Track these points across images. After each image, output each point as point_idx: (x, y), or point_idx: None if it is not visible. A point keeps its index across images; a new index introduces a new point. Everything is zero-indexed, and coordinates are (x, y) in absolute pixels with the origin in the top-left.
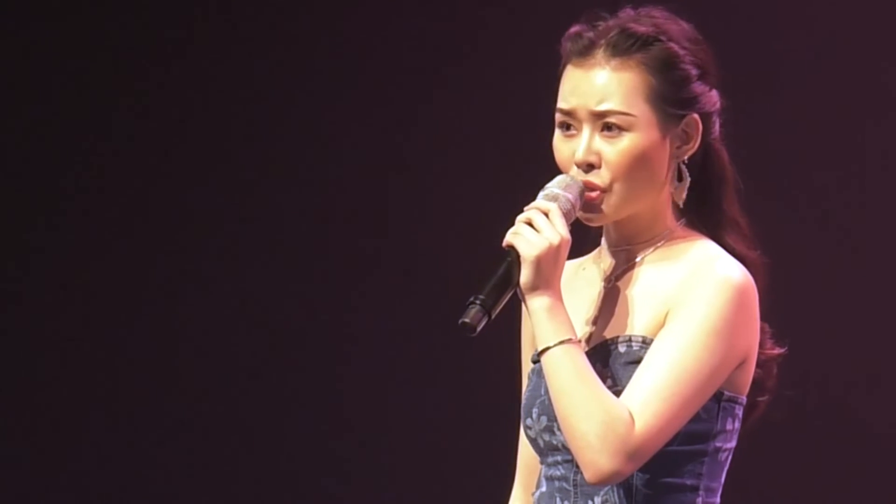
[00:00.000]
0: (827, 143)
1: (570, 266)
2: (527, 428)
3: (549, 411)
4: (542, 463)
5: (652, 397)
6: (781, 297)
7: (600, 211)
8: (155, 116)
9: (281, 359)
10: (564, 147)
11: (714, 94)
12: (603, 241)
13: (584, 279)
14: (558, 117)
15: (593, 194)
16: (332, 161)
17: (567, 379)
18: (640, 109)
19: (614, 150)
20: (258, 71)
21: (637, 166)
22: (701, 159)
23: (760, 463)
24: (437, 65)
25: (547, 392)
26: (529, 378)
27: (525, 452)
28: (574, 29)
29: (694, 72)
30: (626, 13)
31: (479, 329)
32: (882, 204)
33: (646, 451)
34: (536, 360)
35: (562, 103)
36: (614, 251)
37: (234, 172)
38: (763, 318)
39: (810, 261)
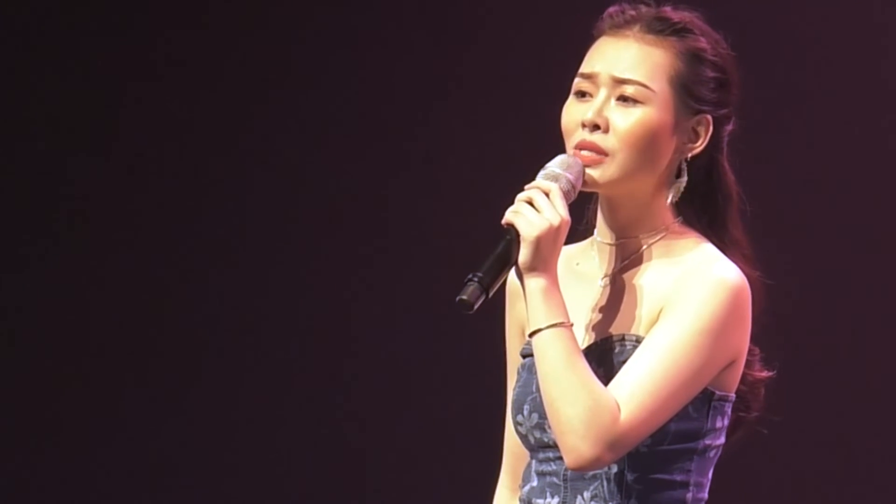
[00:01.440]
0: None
1: (563, 257)
2: (517, 424)
3: (540, 409)
4: (531, 458)
5: (639, 390)
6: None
7: (594, 172)
8: (151, 115)
9: (279, 356)
10: (574, 109)
11: (730, 109)
12: (596, 233)
13: (578, 274)
14: (576, 83)
15: (590, 156)
16: (332, 158)
17: (556, 363)
18: (661, 88)
19: (625, 119)
20: (259, 70)
21: (643, 141)
22: (708, 176)
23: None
24: (438, 61)
25: (538, 389)
26: (519, 374)
27: (511, 441)
28: (615, 8)
29: (713, 75)
30: (667, 8)
31: (476, 306)
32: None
33: (628, 441)
34: (526, 355)
35: (585, 68)
36: (610, 246)
37: (233, 171)
38: (754, 334)
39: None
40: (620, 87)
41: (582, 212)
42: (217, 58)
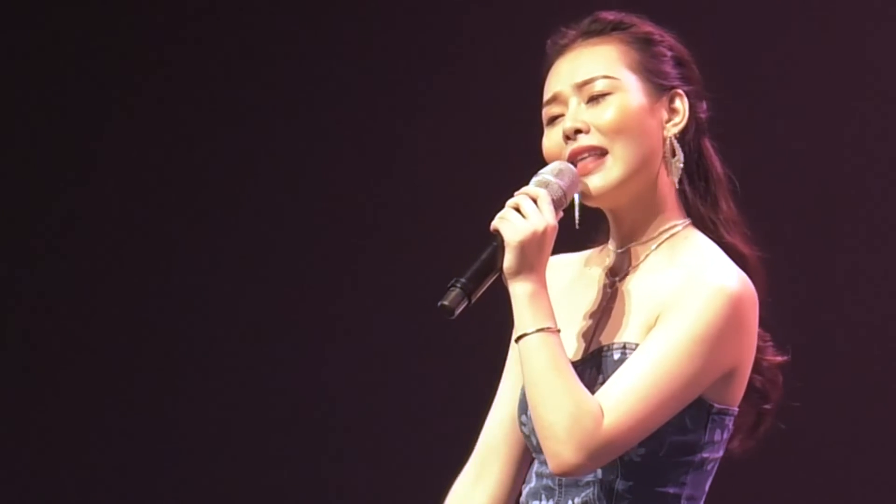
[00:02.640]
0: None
1: (578, 262)
2: (521, 424)
3: None
4: (534, 459)
5: (626, 396)
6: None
7: (598, 177)
8: (149, 116)
9: (272, 355)
10: (552, 133)
11: (698, 87)
12: (610, 241)
13: (587, 279)
14: (545, 112)
15: (587, 161)
16: (322, 162)
17: (541, 368)
18: (624, 75)
19: (602, 113)
20: (255, 72)
21: (628, 127)
22: (700, 158)
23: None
24: (427, 66)
25: None
26: None
27: (490, 433)
28: (552, 37)
29: (670, 53)
30: (598, 12)
31: (457, 312)
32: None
33: (613, 448)
34: None
35: (546, 94)
36: (619, 253)
37: (222, 176)
38: (763, 318)
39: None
40: (586, 88)
41: (580, 219)
42: (206, 66)
